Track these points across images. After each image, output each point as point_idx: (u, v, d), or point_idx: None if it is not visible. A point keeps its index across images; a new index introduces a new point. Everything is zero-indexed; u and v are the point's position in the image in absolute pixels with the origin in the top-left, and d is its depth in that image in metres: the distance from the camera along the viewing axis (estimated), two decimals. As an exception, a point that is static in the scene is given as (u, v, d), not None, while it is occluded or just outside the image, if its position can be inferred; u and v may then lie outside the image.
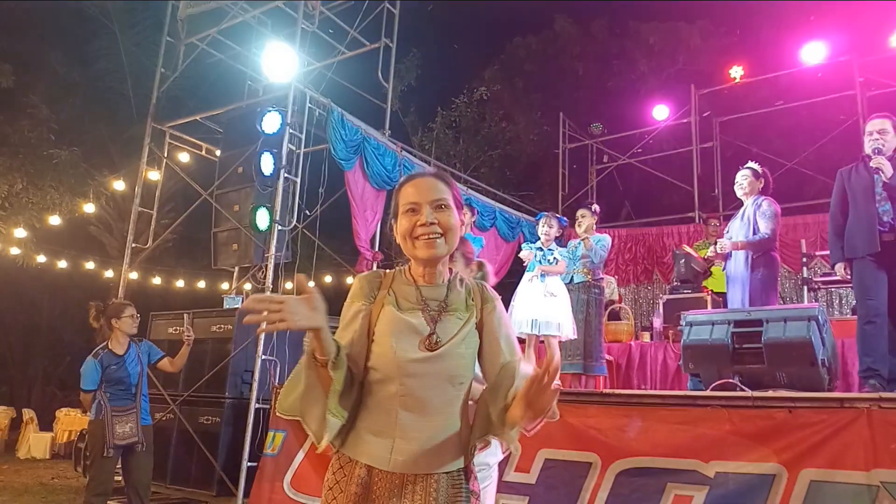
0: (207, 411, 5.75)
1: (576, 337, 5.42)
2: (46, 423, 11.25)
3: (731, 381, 3.84)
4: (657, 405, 3.73)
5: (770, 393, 3.59)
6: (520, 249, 6.42)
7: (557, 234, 5.64)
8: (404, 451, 1.52)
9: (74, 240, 12.59)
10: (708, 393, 3.75)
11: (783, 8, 11.17)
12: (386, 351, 1.53)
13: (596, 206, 6.27)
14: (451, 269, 1.69)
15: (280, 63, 6.21)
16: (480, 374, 1.67)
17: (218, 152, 7.25)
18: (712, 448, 3.40)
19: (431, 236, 1.55)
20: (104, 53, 11.75)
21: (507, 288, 8.72)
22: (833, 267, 4.33)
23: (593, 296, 5.61)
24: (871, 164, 3.91)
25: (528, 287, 5.42)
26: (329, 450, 1.60)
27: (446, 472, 1.54)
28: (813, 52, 8.47)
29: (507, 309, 5.42)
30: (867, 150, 3.99)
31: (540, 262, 5.42)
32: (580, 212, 6.06)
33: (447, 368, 1.54)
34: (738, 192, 4.93)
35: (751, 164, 5.02)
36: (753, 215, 4.69)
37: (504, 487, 3.93)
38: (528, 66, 15.32)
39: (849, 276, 4.10)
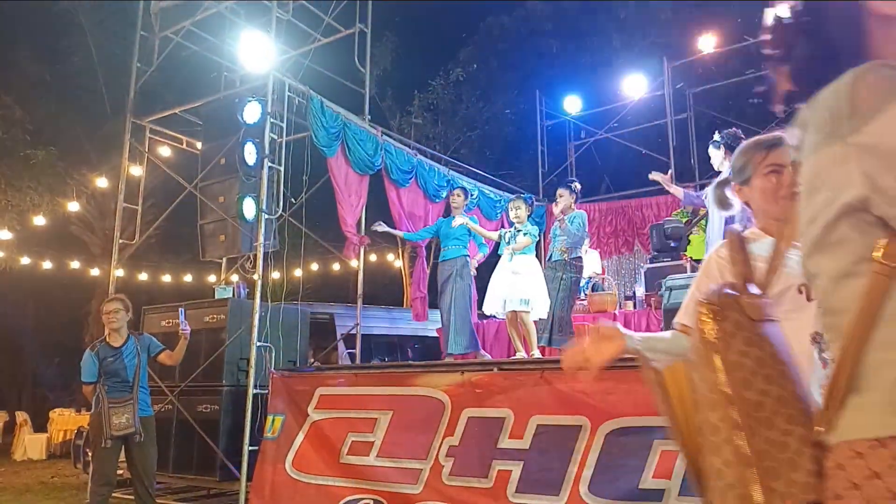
0: (206, 400, 5.86)
1: (566, 312, 5.66)
2: (39, 426, 11.28)
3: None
4: (637, 367, 3.90)
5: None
6: (503, 227, 6.61)
7: (528, 213, 5.85)
8: None
9: (56, 240, 12.54)
10: (689, 353, 3.92)
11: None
12: None
13: (577, 185, 6.44)
14: None
15: (257, 52, 6.25)
16: None
17: (199, 145, 7.28)
18: (695, 404, 3.58)
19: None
20: (75, 50, 11.63)
21: (492, 267, 8.88)
22: None
23: (568, 274, 5.81)
24: None
25: (499, 267, 5.78)
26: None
27: None
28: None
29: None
30: None
31: (508, 242, 5.70)
32: (559, 190, 6.25)
33: None
34: (715, 166, 5.13)
35: (715, 136, 5.21)
36: (727, 182, 4.87)
37: (499, 454, 4.11)
38: (503, 45, 15.38)
39: None
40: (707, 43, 9.32)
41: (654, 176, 5.70)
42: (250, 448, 5.28)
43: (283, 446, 5.04)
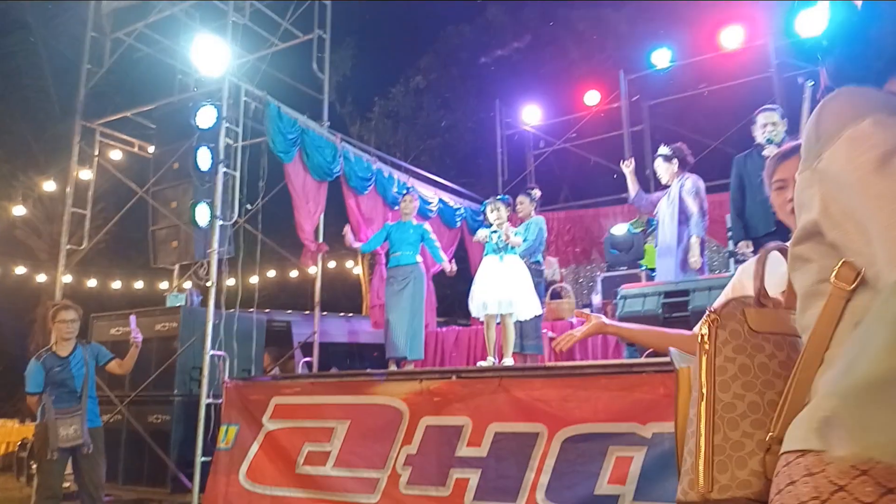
0: (157, 410, 5.70)
1: (534, 317, 5.60)
2: (-20, 438, 10.80)
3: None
4: (597, 374, 3.96)
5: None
6: (463, 237, 6.55)
7: (507, 215, 5.76)
8: None
9: (0, 244, 12.07)
10: (643, 360, 3.99)
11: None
12: None
13: (537, 192, 6.50)
14: None
15: (212, 56, 6.14)
16: None
17: (151, 149, 7.11)
18: (649, 411, 3.64)
19: None
20: (19, 49, 11.25)
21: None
22: (735, 245, 4.69)
23: (533, 279, 5.82)
24: (764, 153, 4.30)
25: (487, 268, 5.52)
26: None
27: None
28: (731, 37, 8.89)
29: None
30: (760, 139, 4.39)
31: (497, 243, 5.49)
32: (519, 197, 6.31)
33: None
34: (662, 180, 5.27)
35: (661, 149, 5.35)
36: (679, 194, 5.00)
37: (457, 462, 4.11)
38: (463, 54, 15.48)
39: (752, 253, 4.47)
40: (661, 57, 9.53)
41: (624, 166, 5.75)
42: (203, 459, 5.16)
43: (237, 457, 4.94)
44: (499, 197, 5.85)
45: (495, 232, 5.48)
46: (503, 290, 5.31)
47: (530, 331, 5.78)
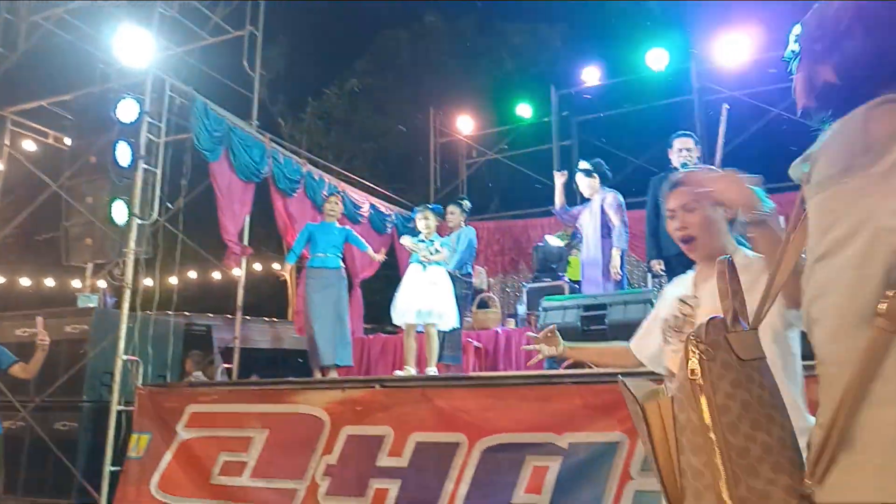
0: (64, 416, 5.41)
1: (454, 329, 5.63)
2: None
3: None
4: (518, 385, 4.03)
5: (613, 369, 3.98)
6: (393, 243, 6.51)
7: (437, 224, 5.75)
8: None
9: None
10: (561, 371, 4.09)
11: (632, 14, 12.09)
12: None
13: (467, 203, 6.55)
14: None
15: (136, 47, 5.90)
16: None
17: (68, 140, 6.78)
18: (566, 421, 3.73)
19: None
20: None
21: (380, 280, 8.85)
22: (648, 262, 4.89)
23: (460, 290, 5.87)
24: None
25: (411, 277, 5.48)
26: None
27: None
28: (656, 59, 9.25)
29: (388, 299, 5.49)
30: (675, 163, 4.60)
31: (426, 254, 5.46)
32: (450, 207, 6.35)
33: None
34: (585, 193, 5.46)
35: (582, 164, 5.54)
36: (601, 208, 5.19)
37: (377, 472, 4.09)
38: (399, 59, 15.48)
39: (663, 271, 4.67)
40: (591, 75, 9.83)
41: (558, 176, 5.84)
42: (112, 468, 4.94)
43: (149, 466, 4.75)
44: (430, 206, 5.81)
45: (423, 242, 5.46)
46: (425, 299, 5.30)
47: (449, 342, 5.81)
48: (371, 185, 9.32)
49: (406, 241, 5.55)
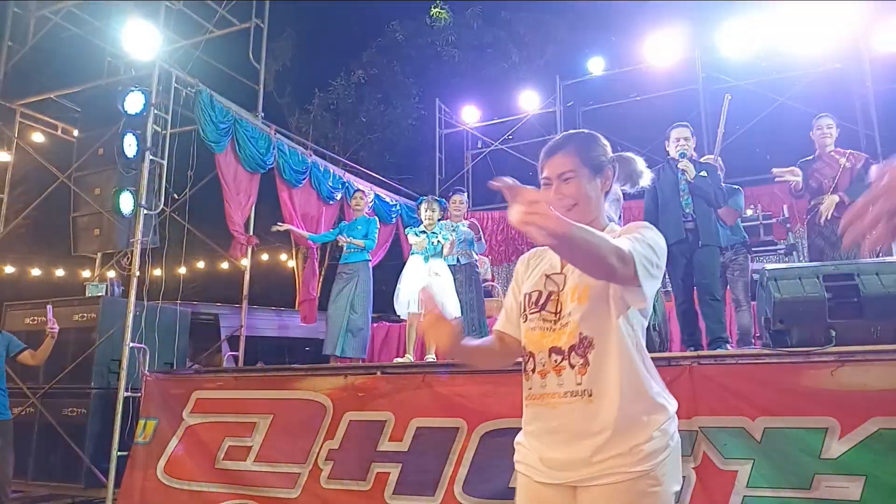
0: (72, 403, 5.51)
1: (459, 316, 5.70)
2: None
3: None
4: (516, 371, 4.07)
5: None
6: (397, 232, 6.54)
7: (440, 217, 5.84)
8: None
9: None
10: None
11: (638, 4, 12.04)
12: None
13: (464, 195, 6.57)
14: None
15: (143, 40, 5.97)
16: None
17: (76, 132, 6.86)
18: (563, 407, 3.77)
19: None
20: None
21: (385, 270, 8.91)
22: None
23: (474, 276, 5.95)
24: (678, 166, 4.52)
25: (413, 268, 5.61)
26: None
27: None
28: (662, 49, 9.23)
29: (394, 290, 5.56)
30: (673, 153, 4.63)
31: (427, 248, 5.57)
32: (462, 197, 6.33)
33: None
34: None
35: None
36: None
37: (378, 457, 4.16)
38: (406, 50, 15.48)
39: None
40: (597, 65, 9.82)
41: None
42: (119, 453, 5.03)
43: (155, 451, 4.85)
44: (436, 198, 5.94)
45: (425, 233, 5.57)
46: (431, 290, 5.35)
47: (480, 327, 5.87)
48: (375, 175, 9.37)
49: (412, 238, 5.68)
